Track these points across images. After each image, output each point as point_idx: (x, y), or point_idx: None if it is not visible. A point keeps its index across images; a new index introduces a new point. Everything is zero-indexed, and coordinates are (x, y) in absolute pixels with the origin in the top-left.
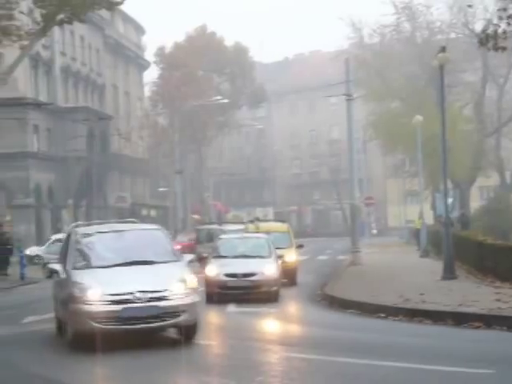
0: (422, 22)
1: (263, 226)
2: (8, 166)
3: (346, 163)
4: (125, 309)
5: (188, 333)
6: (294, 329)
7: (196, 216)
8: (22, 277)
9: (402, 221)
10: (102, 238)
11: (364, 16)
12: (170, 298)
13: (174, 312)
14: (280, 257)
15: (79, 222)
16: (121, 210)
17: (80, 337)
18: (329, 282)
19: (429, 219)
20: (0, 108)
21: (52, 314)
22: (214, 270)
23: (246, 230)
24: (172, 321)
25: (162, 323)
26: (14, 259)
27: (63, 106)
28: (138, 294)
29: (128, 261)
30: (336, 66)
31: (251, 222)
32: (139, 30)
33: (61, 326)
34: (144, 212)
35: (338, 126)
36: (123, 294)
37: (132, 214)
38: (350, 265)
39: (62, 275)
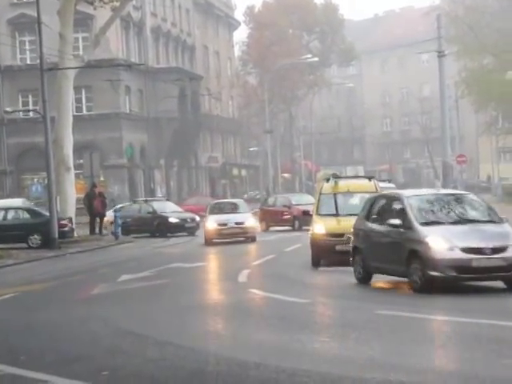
0: None
1: (343, 184)
2: (101, 126)
3: (437, 121)
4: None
5: None
6: (384, 287)
7: (286, 175)
8: (117, 236)
9: (495, 179)
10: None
11: None
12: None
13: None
14: None
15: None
16: (212, 169)
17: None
18: None
19: None
20: (92, 69)
21: (145, 273)
22: None
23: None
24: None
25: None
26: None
27: (154, 66)
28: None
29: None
30: (427, 23)
31: (327, 180)
32: None
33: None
34: (235, 172)
35: (430, 83)
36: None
37: (223, 173)
38: None
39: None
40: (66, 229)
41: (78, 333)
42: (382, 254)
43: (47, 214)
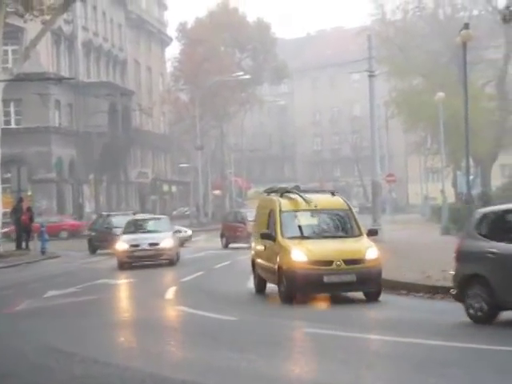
0: None
1: (309, 200)
2: (30, 140)
3: (367, 140)
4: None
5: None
6: (312, 307)
7: (217, 191)
8: (43, 251)
9: (422, 198)
10: None
11: None
12: None
13: None
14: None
15: None
16: (142, 185)
17: None
18: None
19: (450, 197)
20: (22, 83)
21: (72, 289)
22: None
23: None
24: None
25: None
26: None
27: (85, 81)
28: None
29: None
30: (358, 43)
31: (285, 192)
32: (161, 5)
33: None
34: (165, 188)
35: (360, 102)
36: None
37: (153, 189)
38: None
39: None
40: None
41: (2, 349)
42: None
43: None
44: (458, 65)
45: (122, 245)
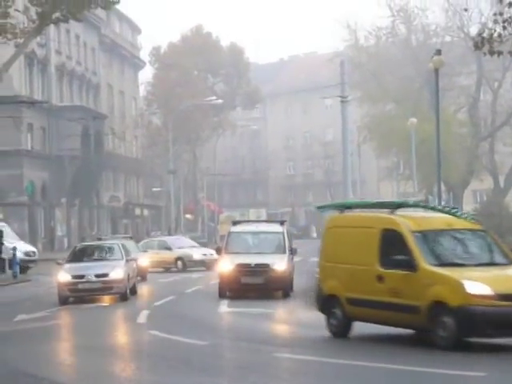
0: (417, 24)
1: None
2: (1, 163)
3: (339, 165)
4: None
5: None
6: (284, 329)
7: (189, 216)
8: (15, 275)
9: None
10: None
11: (360, 18)
12: None
13: None
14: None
15: None
16: (114, 209)
17: None
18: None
19: None
20: None
21: (42, 313)
22: None
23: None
24: None
25: None
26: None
27: (58, 104)
28: None
29: None
30: (331, 68)
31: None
32: (135, 29)
33: None
34: (137, 211)
35: (333, 127)
36: None
37: (125, 213)
38: None
39: None
40: None
41: None
42: None
43: None
44: (430, 91)
45: (63, 275)
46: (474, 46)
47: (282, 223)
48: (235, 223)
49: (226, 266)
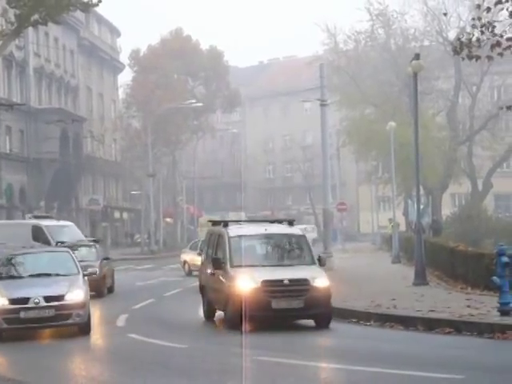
0: (396, 28)
1: None
2: None
3: (319, 169)
4: None
5: None
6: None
7: (169, 219)
8: None
9: (374, 227)
10: None
11: (339, 22)
12: None
13: None
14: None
15: None
16: (93, 212)
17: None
18: None
19: (401, 225)
20: None
21: None
22: None
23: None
24: None
25: None
26: None
27: (36, 107)
28: None
29: None
30: (310, 72)
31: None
32: (114, 32)
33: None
34: (116, 215)
35: (312, 131)
36: None
37: (104, 216)
38: None
39: None
40: None
41: None
42: None
43: None
44: (409, 95)
45: None
46: (452, 50)
47: (290, 223)
48: (225, 225)
49: (246, 284)
